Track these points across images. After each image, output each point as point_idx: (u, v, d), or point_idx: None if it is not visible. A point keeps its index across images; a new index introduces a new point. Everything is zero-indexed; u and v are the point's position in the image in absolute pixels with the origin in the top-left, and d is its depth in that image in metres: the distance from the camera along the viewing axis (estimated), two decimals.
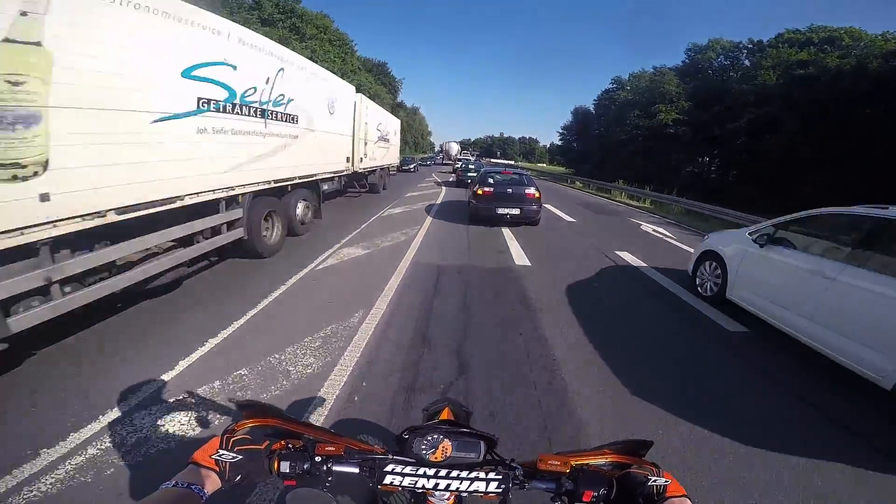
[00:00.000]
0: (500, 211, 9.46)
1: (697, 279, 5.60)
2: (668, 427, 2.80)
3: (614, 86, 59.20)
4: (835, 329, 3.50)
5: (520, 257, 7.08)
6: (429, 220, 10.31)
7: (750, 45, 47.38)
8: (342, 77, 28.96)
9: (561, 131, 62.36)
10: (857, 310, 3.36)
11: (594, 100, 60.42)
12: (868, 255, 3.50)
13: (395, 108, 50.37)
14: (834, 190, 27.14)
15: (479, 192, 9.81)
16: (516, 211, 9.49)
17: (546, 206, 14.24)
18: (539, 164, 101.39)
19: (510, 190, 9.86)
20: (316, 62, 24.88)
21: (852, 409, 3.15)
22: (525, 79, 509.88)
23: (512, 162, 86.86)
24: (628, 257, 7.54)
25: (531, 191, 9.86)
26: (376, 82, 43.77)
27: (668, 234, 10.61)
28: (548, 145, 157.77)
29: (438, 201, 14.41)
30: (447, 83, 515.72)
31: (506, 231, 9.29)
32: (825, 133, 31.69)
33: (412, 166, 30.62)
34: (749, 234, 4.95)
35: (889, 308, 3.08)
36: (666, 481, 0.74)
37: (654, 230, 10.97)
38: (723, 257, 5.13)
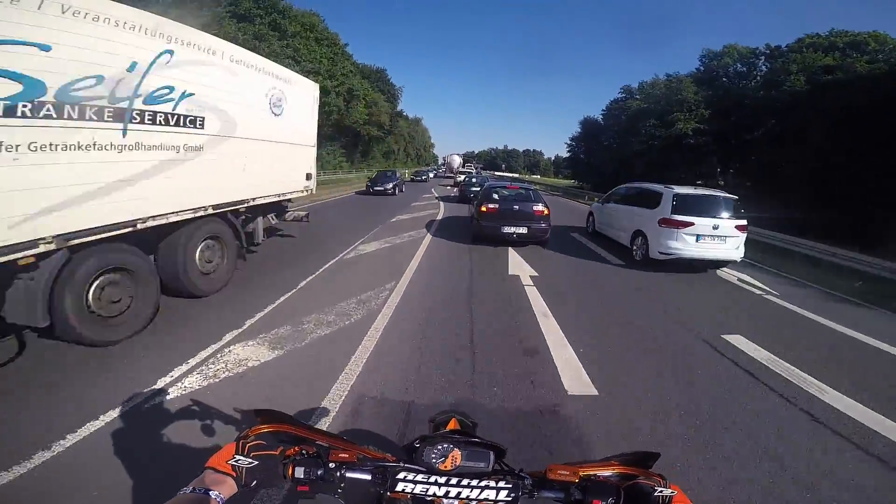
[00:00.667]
0: (507, 230, 8.67)
1: (587, 226, 11.62)
2: None
3: (623, 95, 56.89)
4: (616, 228, 9.47)
5: (571, 368, 3.67)
6: (410, 271, 6.72)
7: (767, 51, 45.20)
8: (330, 80, 25.85)
9: (569, 142, 59.40)
10: (620, 219, 9.26)
11: (602, 110, 58.01)
12: (623, 199, 9.59)
13: (395, 118, 47.56)
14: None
15: (483, 209, 8.99)
16: (523, 230, 8.71)
17: (574, 234, 11.05)
18: (534, 177, 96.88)
19: (517, 206, 9.00)
20: (300, 63, 21.97)
21: (614, 255, 8.68)
22: (529, 90, 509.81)
23: (517, 175, 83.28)
24: (763, 356, 4.18)
25: (539, 207, 9.06)
26: (373, 89, 40.97)
27: (772, 290, 7.10)
28: (552, 157, 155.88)
29: (432, 228, 11.14)
30: (452, 96, 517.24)
31: (533, 295, 5.82)
32: (868, 142, 28.63)
33: (390, 186, 20.19)
34: (599, 202, 11.71)
35: (625, 217, 8.99)
36: (672, 492, 0.74)
37: (750, 284, 7.48)
38: (594, 213, 11.35)
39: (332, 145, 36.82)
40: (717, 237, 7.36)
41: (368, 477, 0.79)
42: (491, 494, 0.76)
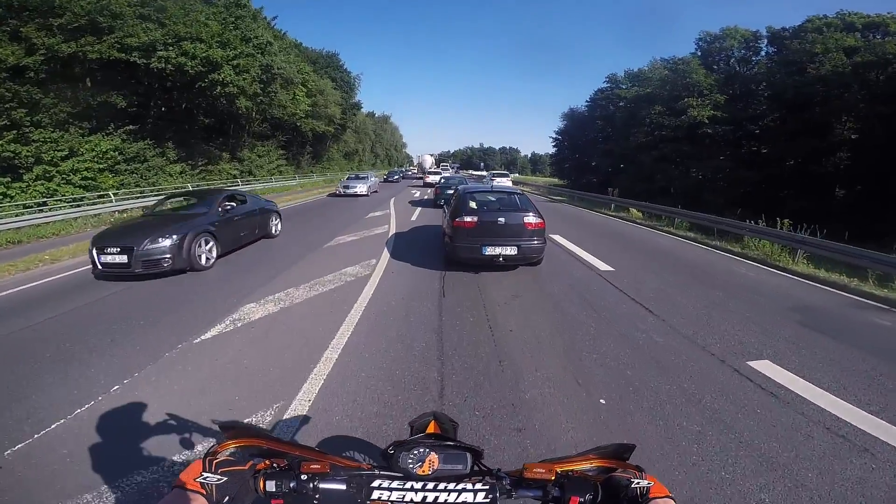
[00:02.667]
0: (489, 251, 6.39)
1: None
2: None
3: (609, 84, 51.04)
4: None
5: None
6: None
7: (768, 34, 40.46)
8: (223, 50, 16.77)
9: (555, 136, 52.52)
10: (489, 182, 22.66)
11: (587, 101, 51.82)
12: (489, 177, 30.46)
13: (349, 111, 39.26)
14: None
15: (458, 223, 6.57)
16: (512, 250, 6.41)
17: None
18: (523, 176, 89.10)
19: (501, 219, 6.56)
20: (165, 26, 13.10)
21: None
22: (504, 87, 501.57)
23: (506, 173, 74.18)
24: None
25: (531, 218, 6.58)
26: (319, 75, 32.66)
27: None
28: (529, 155, 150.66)
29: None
30: (426, 96, 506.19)
31: None
32: None
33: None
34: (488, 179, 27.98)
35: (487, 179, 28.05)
36: (649, 483, 0.73)
37: None
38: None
39: (263, 145, 28.40)
40: (504, 180, 25.68)
41: (343, 487, 0.78)
42: (469, 497, 0.75)
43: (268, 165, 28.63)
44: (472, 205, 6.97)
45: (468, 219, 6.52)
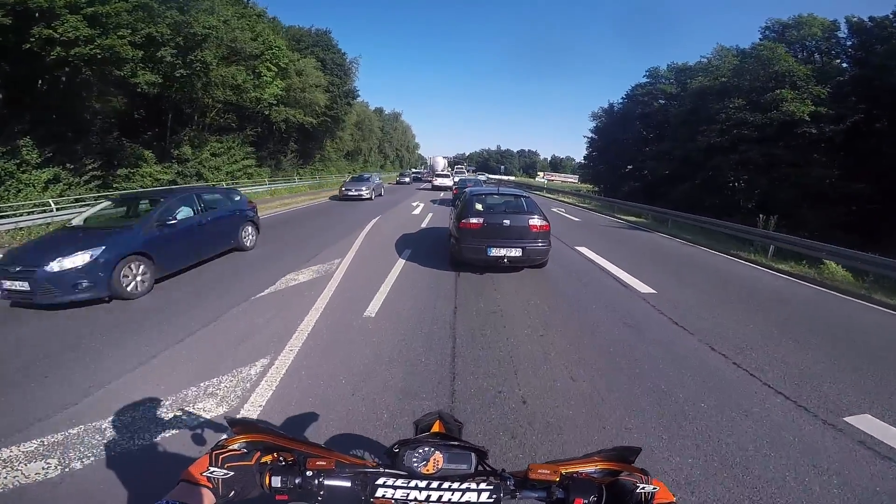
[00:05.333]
0: (494, 252, 6.59)
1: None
2: None
3: (649, 79, 43.79)
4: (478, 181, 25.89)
5: None
6: None
7: (847, 25, 32.31)
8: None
9: (590, 135, 44.80)
10: (477, 177, 34.16)
11: (622, 97, 44.58)
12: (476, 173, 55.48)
13: (341, 99, 32.26)
14: None
15: (464, 224, 6.82)
16: (516, 252, 6.63)
17: None
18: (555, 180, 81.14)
19: (506, 221, 6.80)
20: None
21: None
22: (523, 87, 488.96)
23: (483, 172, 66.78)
24: None
25: (536, 221, 6.83)
26: (303, 54, 25.74)
27: None
28: (548, 158, 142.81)
29: None
30: (443, 96, 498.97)
31: None
32: None
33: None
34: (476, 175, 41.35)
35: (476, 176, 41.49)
36: (654, 488, 0.73)
37: None
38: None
39: (219, 140, 21.64)
40: (479, 176, 35.84)
41: (348, 484, 0.77)
42: (473, 497, 0.74)
43: (228, 167, 21.88)
44: (479, 207, 7.13)
45: (474, 220, 6.71)
